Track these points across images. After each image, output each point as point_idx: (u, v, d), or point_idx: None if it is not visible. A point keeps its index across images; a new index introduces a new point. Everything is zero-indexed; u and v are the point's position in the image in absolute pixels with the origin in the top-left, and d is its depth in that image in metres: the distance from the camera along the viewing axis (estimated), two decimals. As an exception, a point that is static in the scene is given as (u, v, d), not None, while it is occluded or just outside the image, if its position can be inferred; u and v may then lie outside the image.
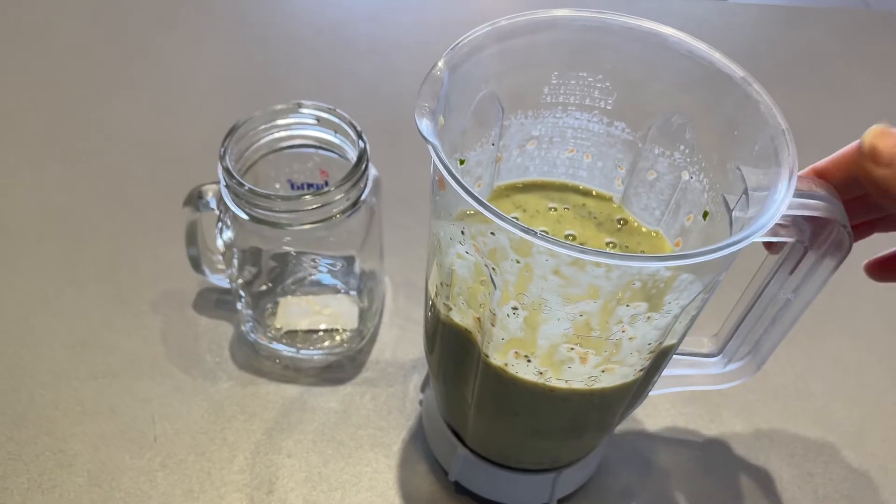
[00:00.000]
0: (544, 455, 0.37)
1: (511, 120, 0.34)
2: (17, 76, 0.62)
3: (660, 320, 0.28)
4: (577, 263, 0.25)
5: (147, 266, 0.49)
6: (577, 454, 0.38)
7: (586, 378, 0.30)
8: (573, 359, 0.29)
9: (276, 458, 0.41)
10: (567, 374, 0.30)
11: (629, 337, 0.28)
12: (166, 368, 0.44)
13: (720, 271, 0.28)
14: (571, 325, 0.28)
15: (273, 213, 0.37)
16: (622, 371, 0.30)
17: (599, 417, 0.33)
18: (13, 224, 0.51)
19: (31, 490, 0.39)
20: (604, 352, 0.29)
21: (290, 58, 0.65)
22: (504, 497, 0.39)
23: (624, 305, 0.27)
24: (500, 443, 0.37)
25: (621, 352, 0.29)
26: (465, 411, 0.35)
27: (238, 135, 0.39)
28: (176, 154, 0.56)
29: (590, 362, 0.29)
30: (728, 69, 0.29)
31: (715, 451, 0.42)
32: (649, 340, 0.29)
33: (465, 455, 0.38)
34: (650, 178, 0.34)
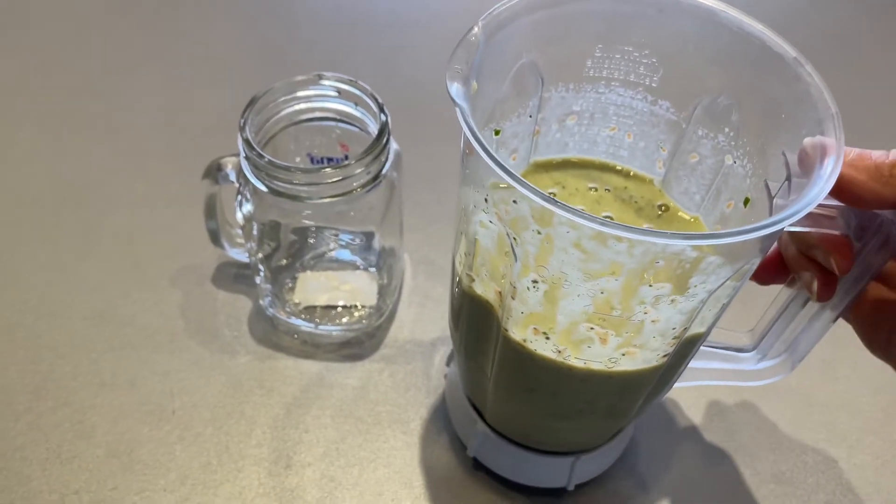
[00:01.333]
0: (562, 437, 0.36)
1: (551, 92, 0.33)
2: (35, 49, 0.61)
3: (685, 304, 0.27)
4: (598, 237, 0.25)
5: (165, 239, 0.49)
6: (597, 439, 0.37)
7: (606, 360, 0.29)
8: (593, 339, 0.29)
9: (294, 433, 0.41)
10: (586, 354, 0.29)
11: (652, 319, 0.27)
12: (184, 342, 0.44)
13: (751, 257, 0.27)
14: (592, 303, 0.27)
15: (293, 185, 0.36)
16: (644, 356, 0.29)
17: (619, 402, 0.33)
18: (31, 195, 0.51)
19: (50, 460, 0.39)
20: (625, 333, 0.28)
21: (308, 31, 0.64)
22: (521, 477, 0.39)
23: (647, 285, 0.26)
24: (518, 421, 0.36)
25: (643, 335, 0.28)
26: (485, 387, 0.35)
27: (258, 106, 0.38)
28: (194, 126, 0.56)
29: (610, 343, 0.28)
30: (780, 48, 0.28)
31: (737, 435, 0.42)
32: (673, 325, 0.28)
33: (485, 432, 0.38)
34: (692, 161, 0.33)
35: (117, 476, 0.39)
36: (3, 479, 0.38)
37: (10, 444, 0.40)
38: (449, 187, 0.52)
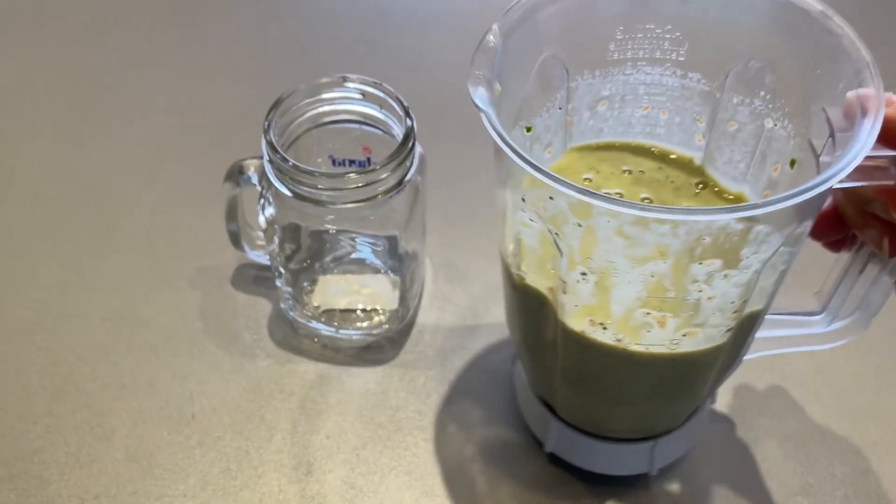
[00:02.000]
0: (636, 423, 0.35)
1: (578, 81, 0.32)
2: (53, 46, 0.61)
3: (739, 277, 0.26)
4: (640, 223, 0.24)
5: (184, 240, 0.48)
6: (672, 422, 0.36)
7: (668, 342, 0.29)
8: (651, 324, 0.28)
9: (315, 438, 0.40)
10: (646, 340, 0.29)
11: (708, 297, 0.27)
12: (204, 345, 0.44)
13: (800, 221, 0.26)
14: (644, 288, 0.26)
15: (317, 190, 0.36)
16: (706, 333, 0.28)
17: (688, 383, 0.32)
18: (50, 194, 0.50)
19: (70, 464, 0.39)
20: (682, 314, 0.27)
21: (325, 29, 0.64)
22: (602, 467, 0.37)
23: (697, 263, 0.25)
24: (589, 412, 0.35)
25: (701, 314, 0.27)
26: (552, 381, 0.34)
27: (282, 109, 0.38)
28: (212, 125, 0.55)
29: (669, 326, 0.28)
30: (805, 4, 0.27)
31: (763, 445, 0.41)
32: (731, 299, 0.27)
33: (559, 426, 0.37)
34: (731, 129, 0.33)
35: (136, 481, 0.38)
36: (23, 483, 0.38)
37: (29, 447, 0.39)
38: (471, 187, 0.51)
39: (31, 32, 0.62)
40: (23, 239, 0.48)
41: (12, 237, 0.48)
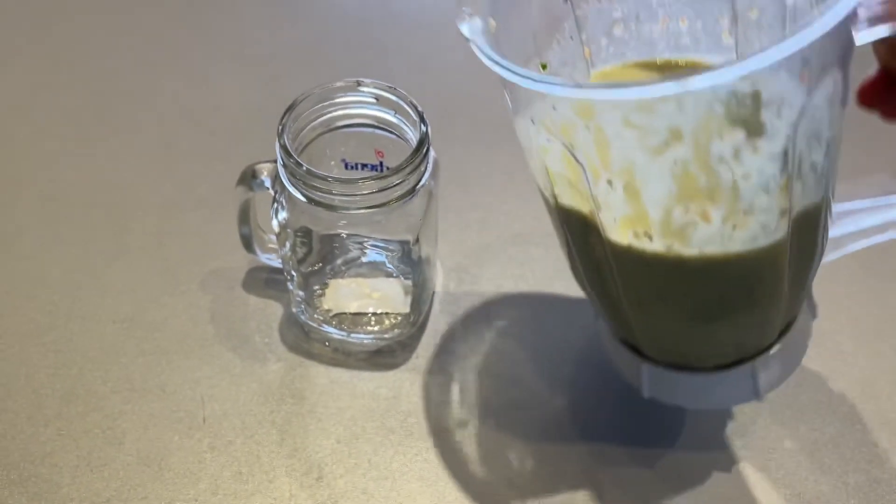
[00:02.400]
0: (722, 344, 0.34)
1: (584, 8, 0.31)
2: (64, 48, 0.61)
3: (770, 147, 0.25)
4: (643, 108, 0.24)
5: (195, 242, 0.48)
6: (761, 338, 0.34)
7: (718, 239, 0.27)
8: (694, 220, 0.27)
9: (326, 443, 0.40)
10: (696, 240, 0.28)
11: (743, 175, 0.26)
12: (215, 348, 0.43)
13: (822, 72, 0.24)
14: (672, 181, 0.26)
15: (330, 195, 0.36)
16: (759, 223, 0.27)
17: (759, 289, 0.30)
18: (61, 196, 0.50)
19: (81, 468, 0.39)
20: (722, 201, 0.26)
21: (335, 30, 0.63)
22: (706, 402, 0.36)
23: (717, 139, 0.24)
24: (670, 341, 0.34)
25: (743, 197, 0.26)
26: (626, 318, 0.33)
27: (295, 112, 0.38)
28: (223, 128, 0.55)
29: (713, 218, 0.27)
30: None
31: (775, 454, 0.41)
32: (772, 175, 0.26)
33: (650, 367, 0.36)
34: (754, 17, 0.31)
35: (147, 485, 0.38)
36: (34, 486, 0.38)
37: (41, 449, 0.39)
38: (483, 191, 0.51)
39: (41, 34, 0.62)
40: (33, 241, 0.48)
41: (23, 239, 0.48)
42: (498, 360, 0.44)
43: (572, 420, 0.42)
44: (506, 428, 0.41)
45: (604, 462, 0.40)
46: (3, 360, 0.42)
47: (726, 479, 0.40)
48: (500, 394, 0.42)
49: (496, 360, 0.44)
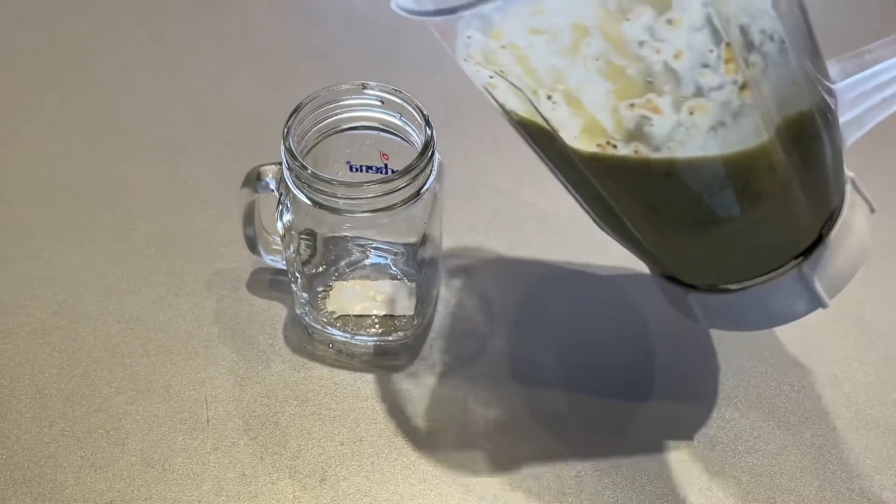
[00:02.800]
0: (750, 250, 0.32)
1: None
2: (70, 48, 0.61)
3: (689, 18, 0.24)
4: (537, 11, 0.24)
5: (200, 243, 0.48)
6: (794, 236, 0.32)
7: (683, 132, 0.27)
8: (646, 115, 0.27)
9: (329, 445, 0.40)
10: (659, 137, 0.27)
11: (673, 55, 0.25)
12: (219, 349, 0.44)
13: None
14: (604, 79, 0.25)
15: (335, 198, 0.36)
16: (716, 102, 0.26)
17: (754, 184, 0.29)
18: (67, 196, 0.50)
19: (85, 468, 0.39)
20: (664, 88, 0.26)
21: (341, 32, 0.63)
22: (767, 321, 0.35)
23: (625, 22, 0.24)
24: (694, 256, 0.33)
25: (683, 79, 0.26)
26: (642, 245, 0.33)
27: (301, 115, 0.37)
28: (228, 129, 0.55)
29: (664, 109, 0.26)
30: None
31: (779, 459, 0.41)
32: (704, 46, 0.25)
33: (697, 295, 0.35)
34: None
35: (151, 486, 0.38)
36: (38, 487, 0.38)
37: (45, 450, 0.39)
38: (487, 193, 0.51)
39: (48, 33, 0.62)
40: (39, 241, 0.48)
41: (29, 239, 0.48)
42: (502, 363, 0.44)
43: (579, 424, 0.42)
44: (511, 431, 0.41)
45: (611, 466, 0.40)
46: (9, 360, 0.43)
47: (731, 484, 0.40)
48: (504, 396, 0.42)
49: (500, 363, 0.44)
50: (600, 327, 0.46)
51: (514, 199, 0.51)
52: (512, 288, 0.47)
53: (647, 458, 0.40)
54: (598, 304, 0.47)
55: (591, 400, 0.42)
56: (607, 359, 0.44)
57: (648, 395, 0.43)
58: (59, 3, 0.64)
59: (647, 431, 0.41)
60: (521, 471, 0.40)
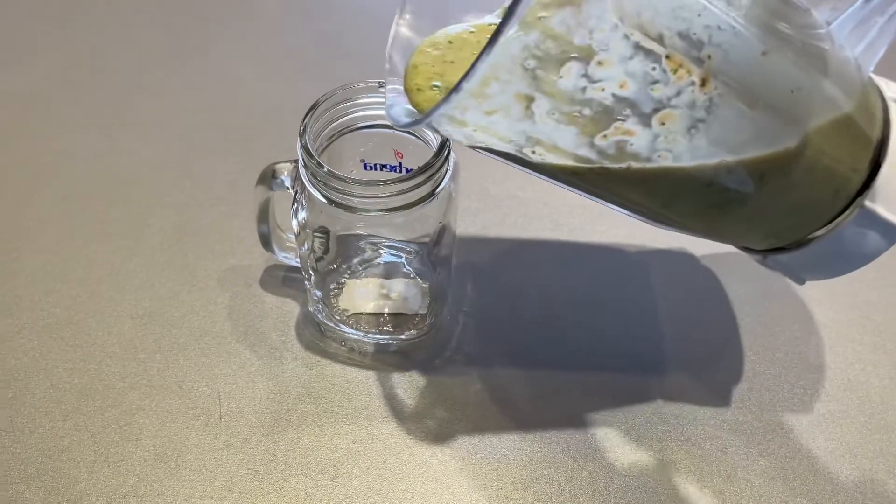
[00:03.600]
0: (797, 212, 0.33)
1: None
2: (84, 44, 0.61)
3: (617, 53, 0.26)
4: (479, 94, 0.26)
5: (213, 239, 0.48)
6: (837, 185, 0.32)
7: (663, 140, 0.28)
8: (623, 139, 0.28)
9: (341, 443, 0.40)
10: (644, 149, 0.28)
11: (618, 86, 0.27)
12: (232, 346, 0.44)
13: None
14: (568, 125, 0.27)
15: (350, 197, 0.36)
16: (681, 107, 0.28)
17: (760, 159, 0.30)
18: (80, 192, 0.51)
19: (98, 463, 0.39)
20: (624, 114, 0.27)
21: (353, 28, 0.63)
22: (852, 263, 0.34)
23: (558, 80, 0.26)
24: (744, 228, 0.33)
25: (638, 101, 0.27)
26: (683, 230, 0.34)
27: (317, 113, 0.37)
28: (241, 125, 0.55)
29: (634, 130, 0.28)
30: None
31: (793, 462, 0.41)
32: (645, 67, 0.27)
33: (775, 258, 0.35)
34: None
35: (164, 481, 0.39)
36: (51, 481, 0.38)
37: (58, 444, 0.40)
38: (500, 192, 0.51)
39: (61, 30, 0.62)
40: (53, 236, 0.48)
41: (43, 234, 0.48)
42: (515, 362, 0.44)
43: (592, 426, 0.41)
44: (524, 430, 0.41)
45: (623, 468, 0.40)
46: (23, 354, 0.43)
47: (744, 486, 0.40)
48: (520, 395, 0.42)
49: (514, 362, 0.44)
50: (614, 327, 0.45)
51: (525, 198, 0.51)
52: (525, 287, 0.47)
53: (660, 460, 0.40)
54: (613, 303, 0.47)
55: (603, 401, 0.42)
56: (621, 360, 0.44)
57: (661, 398, 0.43)
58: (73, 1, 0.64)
59: (659, 433, 0.41)
60: (533, 471, 0.40)
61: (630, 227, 0.50)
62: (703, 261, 0.49)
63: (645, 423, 0.42)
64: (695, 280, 0.48)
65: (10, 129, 0.54)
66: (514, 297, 0.46)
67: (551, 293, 0.47)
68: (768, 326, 0.46)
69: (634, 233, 0.50)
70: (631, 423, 0.42)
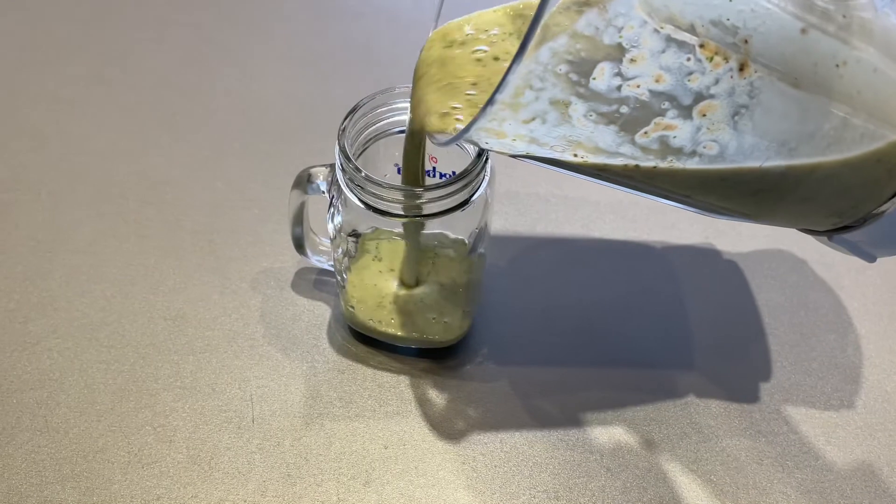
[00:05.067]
0: (854, 189, 0.32)
1: None
2: (117, 45, 0.62)
3: (649, 48, 0.26)
4: (513, 105, 0.27)
5: (245, 241, 0.48)
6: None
7: (706, 132, 0.28)
8: (664, 134, 0.28)
9: (373, 447, 0.40)
10: (688, 142, 0.28)
11: (654, 81, 0.27)
12: (264, 348, 0.44)
13: None
14: (608, 125, 0.27)
15: (388, 202, 0.36)
16: (721, 96, 0.27)
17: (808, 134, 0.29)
18: (114, 192, 0.51)
19: (132, 464, 0.39)
20: (663, 109, 0.27)
21: (385, 31, 0.63)
22: None
23: (591, 81, 0.26)
24: (801, 210, 0.33)
25: (676, 94, 0.27)
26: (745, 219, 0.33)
27: (356, 117, 0.37)
28: (273, 127, 0.55)
29: (675, 124, 0.28)
30: None
31: (828, 475, 0.40)
32: (679, 58, 0.27)
33: (839, 237, 0.34)
34: None
35: (197, 484, 0.39)
36: (86, 482, 0.38)
37: (93, 445, 0.40)
38: (531, 198, 0.51)
39: (95, 31, 0.62)
40: (87, 237, 0.48)
41: (77, 235, 0.48)
42: (548, 368, 0.43)
43: (625, 435, 0.41)
44: (556, 437, 0.41)
45: (656, 478, 0.40)
46: (58, 355, 0.43)
47: (780, 499, 0.39)
48: (553, 401, 0.42)
49: (547, 368, 0.43)
50: (646, 336, 0.45)
51: (558, 201, 0.51)
52: (558, 291, 0.47)
53: (694, 471, 0.40)
54: (644, 310, 0.46)
55: (636, 410, 0.42)
56: (653, 369, 0.44)
57: (695, 408, 0.42)
58: (107, 3, 0.64)
59: (694, 444, 0.41)
60: (566, 480, 0.39)
61: (662, 233, 0.49)
62: (738, 269, 0.48)
63: (679, 433, 0.41)
64: (728, 288, 0.47)
65: (44, 130, 0.54)
66: (546, 301, 0.46)
67: (584, 298, 0.47)
68: (804, 336, 0.45)
69: (667, 239, 0.49)
70: (665, 434, 0.41)
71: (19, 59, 0.60)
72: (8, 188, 0.51)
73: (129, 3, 0.64)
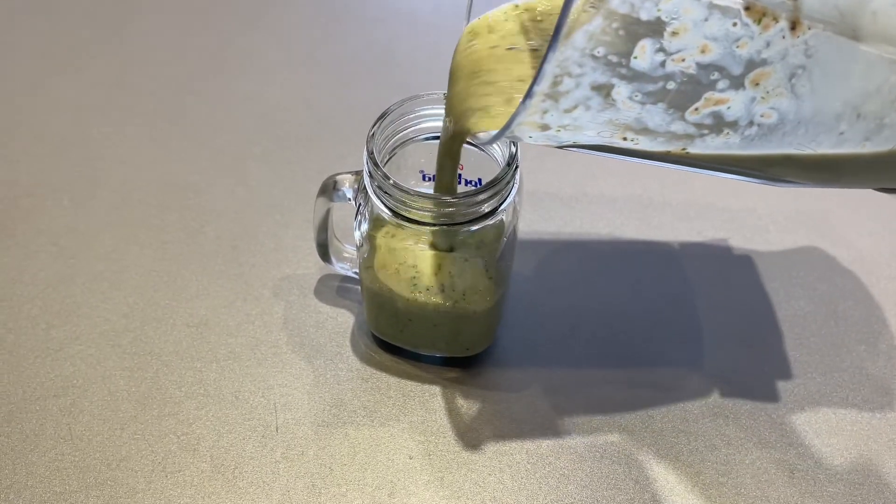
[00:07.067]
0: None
1: None
2: (140, 50, 0.62)
3: (691, 18, 0.25)
4: (553, 96, 0.26)
5: (268, 247, 0.48)
6: None
7: (760, 101, 0.27)
8: (717, 109, 0.27)
9: (397, 458, 0.40)
10: (745, 116, 0.27)
11: (699, 52, 0.26)
12: (287, 356, 0.43)
13: None
14: (655, 104, 0.26)
15: (416, 210, 0.35)
16: (774, 61, 0.26)
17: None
18: (137, 198, 0.51)
19: (156, 472, 0.39)
20: (712, 81, 0.26)
21: (407, 37, 0.63)
22: None
23: (633, 61, 0.25)
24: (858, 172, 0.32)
25: (724, 64, 0.26)
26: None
27: (384, 123, 0.37)
28: (294, 133, 0.55)
29: (727, 97, 0.27)
30: None
31: (860, 489, 0.39)
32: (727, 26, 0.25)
33: None
34: None
35: (221, 493, 0.38)
36: (110, 490, 0.38)
37: (116, 453, 0.39)
38: (554, 204, 0.51)
39: (116, 36, 0.62)
40: (109, 243, 0.48)
41: (99, 241, 0.48)
42: (576, 377, 0.43)
43: (649, 450, 0.41)
44: (583, 448, 0.40)
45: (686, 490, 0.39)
46: (80, 362, 0.43)
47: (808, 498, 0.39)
48: (579, 410, 0.42)
49: (574, 377, 0.43)
50: (674, 347, 0.45)
51: (581, 209, 0.50)
52: (585, 300, 0.46)
53: (723, 484, 0.39)
54: (674, 323, 0.46)
55: (665, 423, 0.41)
56: (682, 381, 0.43)
57: (724, 421, 0.42)
58: (128, 9, 0.64)
59: (723, 457, 0.40)
60: (593, 492, 0.39)
61: (687, 238, 0.49)
62: (766, 276, 0.48)
63: (708, 445, 0.41)
64: (756, 296, 0.47)
65: (65, 136, 0.54)
66: (573, 310, 0.46)
67: (611, 306, 0.46)
68: (835, 346, 0.45)
69: (693, 245, 0.49)
70: (693, 445, 0.41)
71: (41, 65, 0.60)
72: (30, 194, 0.51)
73: (149, 10, 0.64)
